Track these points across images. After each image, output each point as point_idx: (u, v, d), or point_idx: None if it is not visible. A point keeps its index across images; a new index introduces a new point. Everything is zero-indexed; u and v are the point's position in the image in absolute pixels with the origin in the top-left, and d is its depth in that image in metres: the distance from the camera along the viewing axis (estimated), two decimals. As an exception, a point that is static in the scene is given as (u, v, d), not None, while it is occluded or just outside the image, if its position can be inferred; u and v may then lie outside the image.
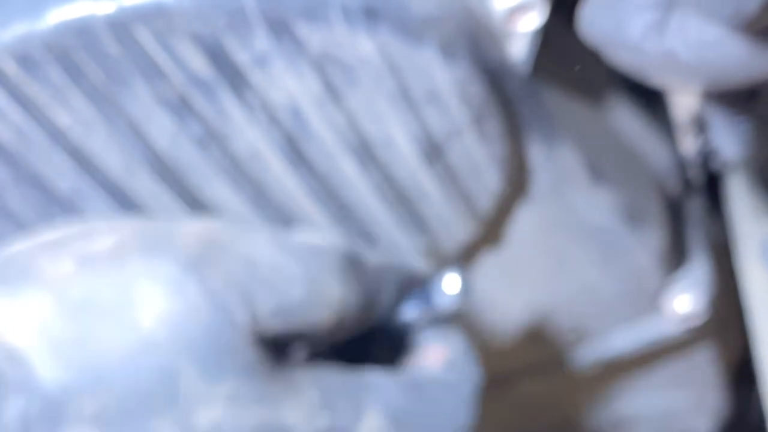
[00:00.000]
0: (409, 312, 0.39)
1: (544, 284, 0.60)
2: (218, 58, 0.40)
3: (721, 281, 0.63)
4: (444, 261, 0.56)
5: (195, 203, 0.48)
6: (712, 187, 0.69)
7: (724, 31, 0.35)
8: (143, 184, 0.46)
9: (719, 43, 0.35)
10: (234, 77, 0.41)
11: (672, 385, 0.70)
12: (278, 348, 0.32)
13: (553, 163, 0.52)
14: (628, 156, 0.61)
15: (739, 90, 0.43)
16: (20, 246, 0.31)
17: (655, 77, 0.39)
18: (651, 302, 0.62)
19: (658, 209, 0.61)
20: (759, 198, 0.62)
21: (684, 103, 0.68)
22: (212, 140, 0.44)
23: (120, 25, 0.38)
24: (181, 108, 0.42)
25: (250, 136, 0.44)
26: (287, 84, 0.42)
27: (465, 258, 0.57)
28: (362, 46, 0.40)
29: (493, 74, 0.46)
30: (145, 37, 0.39)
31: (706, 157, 0.67)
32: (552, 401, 0.71)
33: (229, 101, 0.42)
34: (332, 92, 0.42)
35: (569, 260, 0.58)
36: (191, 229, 0.32)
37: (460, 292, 0.39)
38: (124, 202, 0.47)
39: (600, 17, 0.39)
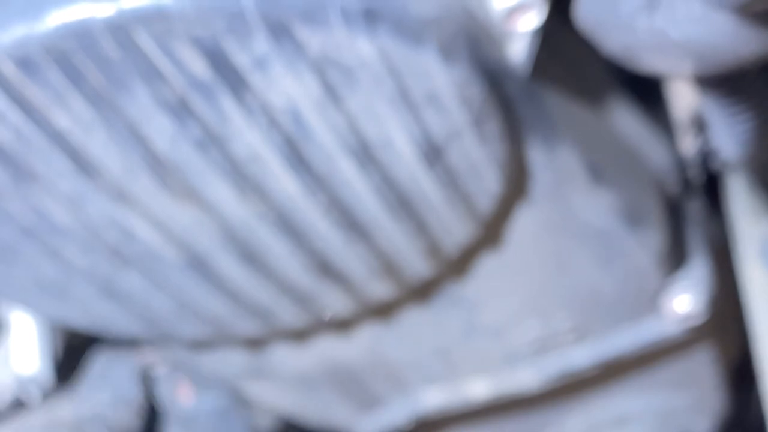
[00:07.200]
0: None
1: (544, 284, 0.60)
2: (218, 60, 0.40)
3: (721, 281, 0.63)
4: (444, 261, 0.56)
5: (194, 205, 0.48)
6: (712, 187, 0.68)
7: (711, 8, 0.35)
8: (143, 186, 0.46)
9: (706, 20, 0.36)
10: (234, 80, 0.41)
11: (672, 385, 0.71)
12: None
13: (553, 164, 0.52)
14: (628, 156, 0.61)
15: (738, 76, 0.43)
16: None
17: (647, 59, 0.39)
18: (651, 302, 0.62)
19: (658, 209, 0.61)
20: (759, 198, 0.62)
21: (684, 103, 0.68)
22: (212, 143, 0.44)
23: (119, 27, 0.38)
24: (181, 110, 0.42)
25: (249, 139, 0.44)
26: (287, 86, 0.42)
27: (465, 258, 0.57)
28: (361, 48, 0.40)
29: (492, 75, 0.46)
30: (144, 39, 0.39)
31: (706, 157, 0.67)
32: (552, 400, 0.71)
33: (228, 104, 0.42)
34: (332, 94, 0.42)
35: (569, 261, 0.58)
36: None
37: None
38: (124, 203, 0.47)
39: (594, 1, 0.39)
